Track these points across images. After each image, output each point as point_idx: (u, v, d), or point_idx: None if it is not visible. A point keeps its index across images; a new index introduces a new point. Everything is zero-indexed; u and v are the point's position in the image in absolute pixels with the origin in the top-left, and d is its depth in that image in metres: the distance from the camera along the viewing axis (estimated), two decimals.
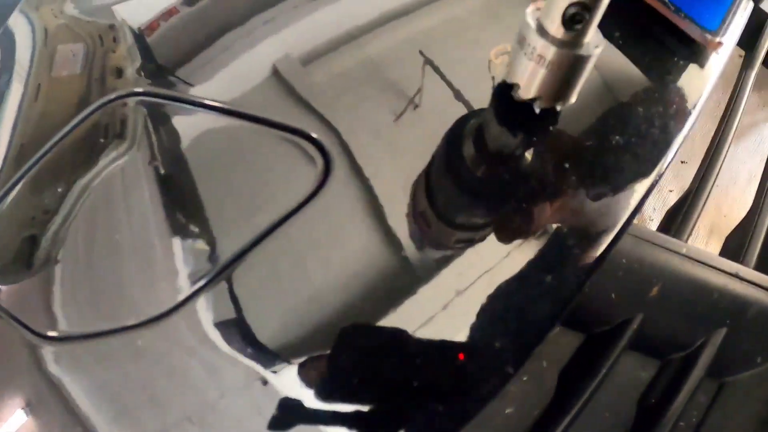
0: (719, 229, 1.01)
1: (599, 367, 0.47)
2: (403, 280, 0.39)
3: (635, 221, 0.47)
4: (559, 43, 0.36)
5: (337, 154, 0.44)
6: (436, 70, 0.48)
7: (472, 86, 0.47)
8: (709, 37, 0.50)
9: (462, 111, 0.45)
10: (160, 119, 0.49)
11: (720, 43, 0.50)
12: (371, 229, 0.41)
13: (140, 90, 0.50)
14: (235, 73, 0.50)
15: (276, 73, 0.49)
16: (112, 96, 0.50)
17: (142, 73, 0.52)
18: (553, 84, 0.38)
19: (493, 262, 0.38)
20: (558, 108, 0.40)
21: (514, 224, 0.40)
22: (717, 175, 0.58)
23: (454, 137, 0.43)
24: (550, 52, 0.36)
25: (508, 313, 0.37)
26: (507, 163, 0.42)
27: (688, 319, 0.52)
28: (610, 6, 0.34)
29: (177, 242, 0.43)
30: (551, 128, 0.42)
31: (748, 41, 0.71)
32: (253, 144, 0.46)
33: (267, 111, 0.47)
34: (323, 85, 0.48)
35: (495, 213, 0.41)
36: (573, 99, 0.40)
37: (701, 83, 0.49)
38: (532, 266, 0.38)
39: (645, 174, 0.41)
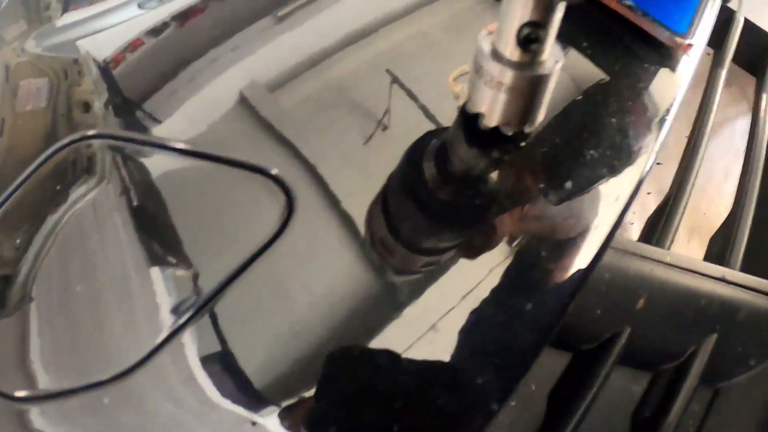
0: (700, 229, 1.01)
1: (589, 386, 0.45)
2: (374, 315, 0.37)
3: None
4: (517, 66, 0.34)
5: (307, 182, 0.42)
6: (404, 88, 0.47)
7: (440, 102, 0.46)
8: (678, 39, 0.49)
9: (431, 128, 0.44)
10: (128, 155, 0.48)
11: (690, 45, 0.49)
12: (344, 257, 0.39)
13: (97, 133, 0.48)
14: (202, 103, 0.49)
15: (243, 100, 0.48)
16: (66, 141, 0.48)
17: (110, 107, 0.51)
18: (516, 108, 0.36)
19: (467, 290, 0.36)
20: (527, 130, 0.39)
21: (482, 243, 0.39)
22: (695, 177, 0.57)
23: (413, 159, 0.41)
24: (508, 76, 0.34)
25: (488, 345, 0.35)
26: (475, 185, 0.40)
27: (677, 328, 0.51)
28: (576, 15, 0.33)
29: (155, 276, 0.41)
30: (521, 148, 0.40)
31: (717, 39, 0.71)
32: (218, 181, 0.44)
33: (235, 141, 0.45)
34: (291, 111, 0.47)
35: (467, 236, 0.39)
36: (541, 118, 0.38)
37: (674, 87, 0.48)
38: (510, 294, 0.36)
39: (623, 187, 0.40)
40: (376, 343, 0.35)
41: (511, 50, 0.33)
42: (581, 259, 0.38)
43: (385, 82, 0.47)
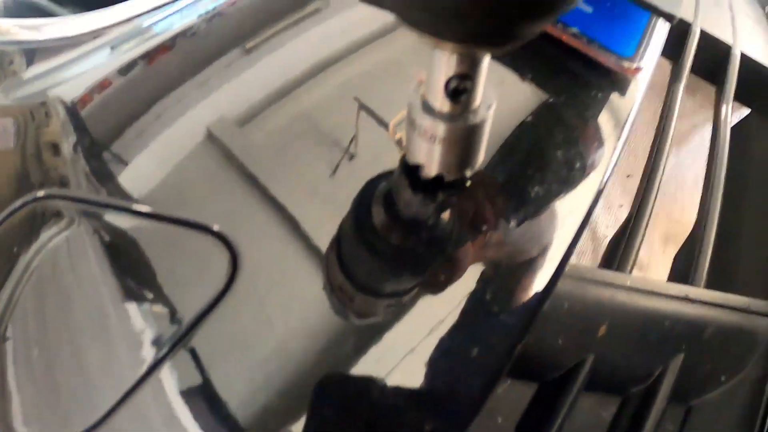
0: (675, 236, 1.01)
1: (555, 415, 0.45)
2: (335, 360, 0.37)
3: (573, 261, 0.45)
4: (448, 118, 0.33)
5: (276, 220, 0.42)
6: (372, 115, 0.47)
7: None
8: (626, 63, 0.49)
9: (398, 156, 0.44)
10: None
11: (638, 69, 0.49)
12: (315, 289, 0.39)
13: (47, 194, 0.47)
14: (170, 142, 0.48)
15: (211, 137, 0.47)
16: (18, 204, 0.47)
17: (78, 150, 0.50)
18: (454, 157, 0.36)
19: (415, 342, 0.36)
20: (468, 175, 0.38)
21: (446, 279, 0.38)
22: (656, 194, 0.57)
23: (363, 205, 0.41)
24: (441, 129, 0.34)
25: (436, 392, 0.35)
26: (424, 228, 0.40)
27: (642, 351, 0.50)
28: (523, 47, 0.32)
29: (132, 312, 0.41)
30: (466, 188, 0.40)
31: (673, 53, 0.71)
32: (170, 235, 0.44)
33: (202, 180, 0.45)
34: (260, 145, 0.47)
35: (418, 280, 0.39)
36: (480, 161, 0.38)
37: (624, 111, 0.48)
38: (457, 341, 0.36)
39: (571, 223, 0.40)
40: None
41: (441, 102, 0.33)
42: (532, 294, 0.38)
43: (354, 110, 0.47)
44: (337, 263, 0.39)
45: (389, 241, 0.40)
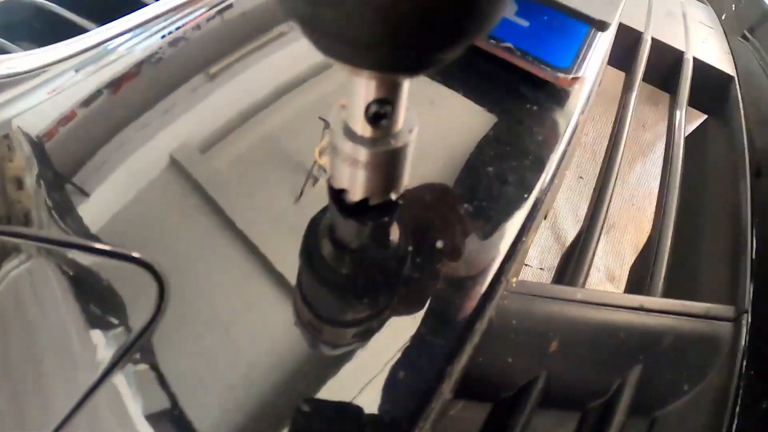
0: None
1: None
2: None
3: (520, 278, 0.45)
4: (370, 143, 0.33)
5: (240, 249, 0.41)
6: None
7: None
8: (561, 75, 0.49)
9: None
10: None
11: (575, 79, 0.49)
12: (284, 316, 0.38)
13: None
14: (133, 170, 0.47)
15: (174, 163, 0.47)
16: None
17: (41, 183, 0.49)
18: (377, 181, 0.35)
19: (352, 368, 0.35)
20: (393, 197, 0.38)
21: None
22: (608, 208, 0.56)
23: (311, 238, 0.41)
24: (362, 153, 0.33)
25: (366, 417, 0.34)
26: (366, 253, 0.40)
27: (597, 365, 0.50)
28: (459, 62, 0.32)
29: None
30: (396, 210, 0.40)
31: (627, 63, 0.72)
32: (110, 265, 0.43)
33: (164, 210, 0.44)
34: (223, 172, 0.46)
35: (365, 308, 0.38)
36: (405, 183, 0.37)
37: (563, 122, 0.48)
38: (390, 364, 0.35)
39: (507, 238, 0.39)
40: None
41: (362, 127, 0.32)
42: (464, 314, 0.37)
43: (319, 133, 0.47)
44: (298, 292, 0.39)
45: (339, 270, 0.40)
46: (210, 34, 0.59)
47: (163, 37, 0.57)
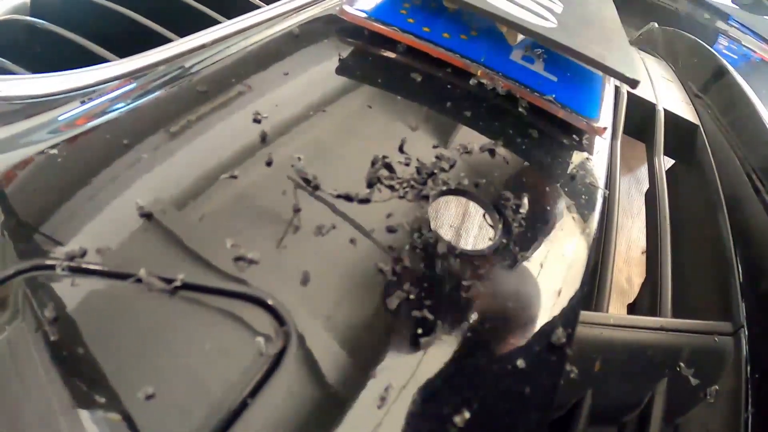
0: None
1: None
2: None
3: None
4: None
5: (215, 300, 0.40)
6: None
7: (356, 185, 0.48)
8: (594, 124, 0.56)
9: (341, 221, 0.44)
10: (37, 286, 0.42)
11: (604, 128, 0.56)
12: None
13: None
14: (104, 224, 0.44)
15: (150, 218, 0.44)
16: None
17: (5, 233, 0.45)
18: None
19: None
20: None
21: None
22: (615, 244, 0.63)
23: None
24: None
25: None
26: None
27: (632, 380, 0.55)
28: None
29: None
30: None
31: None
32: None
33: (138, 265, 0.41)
34: (199, 227, 0.44)
35: None
36: None
37: (601, 167, 0.55)
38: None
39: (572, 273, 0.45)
40: None
41: None
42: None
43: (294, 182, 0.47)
44: None
45: None
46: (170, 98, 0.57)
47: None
